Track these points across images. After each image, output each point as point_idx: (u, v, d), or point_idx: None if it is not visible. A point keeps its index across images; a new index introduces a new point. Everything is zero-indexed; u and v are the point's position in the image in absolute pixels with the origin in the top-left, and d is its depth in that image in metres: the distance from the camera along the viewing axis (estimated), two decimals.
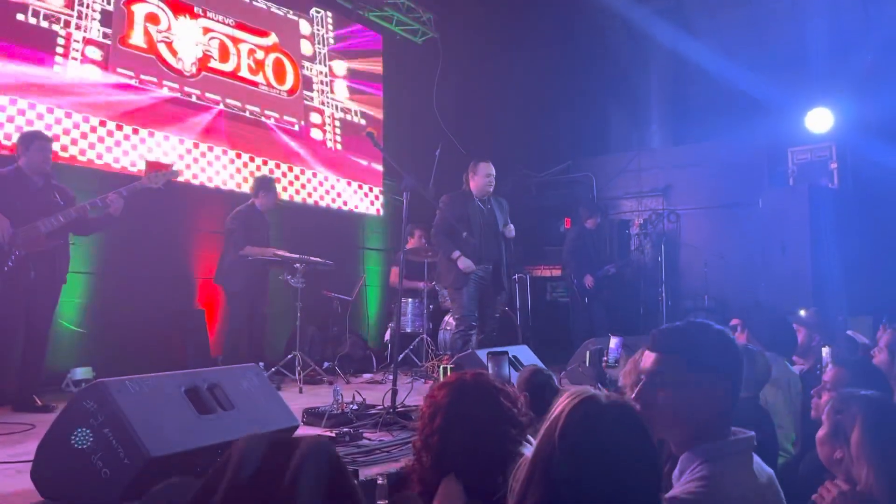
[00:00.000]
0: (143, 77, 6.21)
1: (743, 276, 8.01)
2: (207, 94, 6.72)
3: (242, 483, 0.67)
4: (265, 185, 6.07)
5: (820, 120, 7.78)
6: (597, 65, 9.78)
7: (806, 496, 2.02)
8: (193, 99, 6.59)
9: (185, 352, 5.95)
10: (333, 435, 3.50)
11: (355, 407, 4.07)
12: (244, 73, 7.12)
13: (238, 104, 6.98)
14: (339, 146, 8.08)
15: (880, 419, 1.89)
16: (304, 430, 3.61)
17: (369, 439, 3.49)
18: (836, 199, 7.50)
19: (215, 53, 6.87)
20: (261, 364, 5.02)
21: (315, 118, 7.85)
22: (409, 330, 6.94)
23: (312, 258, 5.87)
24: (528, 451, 1.68)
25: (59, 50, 5.69)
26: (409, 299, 7.03)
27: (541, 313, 8.50)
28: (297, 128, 7.60)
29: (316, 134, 7.83)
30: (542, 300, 8.74)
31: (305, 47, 7.86)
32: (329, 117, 8.02)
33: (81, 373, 5.22)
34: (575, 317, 7.96)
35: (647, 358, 1.67)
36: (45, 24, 5.61)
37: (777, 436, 3.00)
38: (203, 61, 6.73)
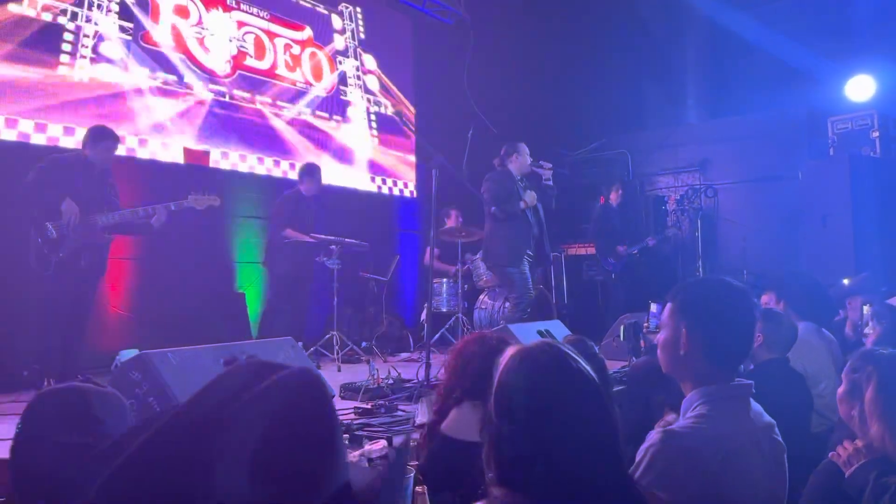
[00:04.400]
0: (168, 78, 6.10)
1: (782, 250, 7.88)
2: (242, 94, 6.75)
3: (201, 399, 0.70)
4: (309, 171, 6.22)
5: (861, 87, 7.60)
6: (631, 39, 9.66)
7: None
8: (227, 98, 6.60)
9: (227, 334, 6.12)
10: (370, 407, 3.61)
11: (391, 381, 4.17)
12: (281, 70, 7.16)
13: (270, 101, 7.04)
14: (375, 139, 8.16)
15: (893, 377, 1.90)
16: (341, 404, 3.72)
17: (404, 410, 3.59)
18: (878, 169, 7.32)
19: (251, 49, 6.88)
20: (299, 344, 5.16)
21: (351, 113, 7.92)
22: (444, 309, 7.03)
23: (347, 240, 6.00)
24: None
25: (67, 48, 5.40)
26: (444, 279, 7.12)
27: (576, 291, 8.50)
28: (334, 123, 7.69)
29: (351, 128, 7.90)
30: (577, 279, 8.73)
31: (338, 42, 7.91)
32: (364, 111, 8.08)
33: (128, 355, 5.41)
34: (608, 294, 7.95)
35: None
36: (46, 16, 5.28)
37: (812, 399, 3.00)
38: (238, 59, 6.75)
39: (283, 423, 0.68)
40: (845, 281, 5.92)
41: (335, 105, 7.75)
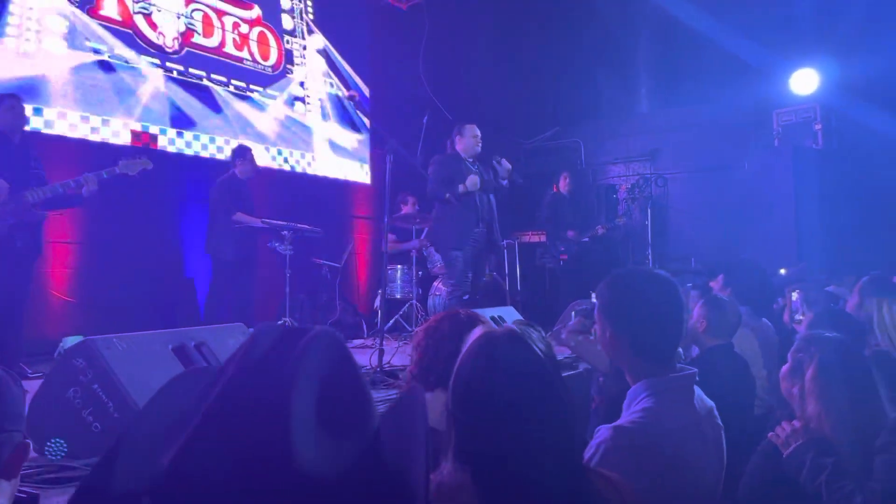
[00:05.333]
0: (117, 52, 6.00)
1: (729, 239, 8.08)
2: (191, 70, 6.64)
3: (251, 364, 0.71)
4: (241, 153, 6.11)
5: (805, 81, 7.82)
6: (585, 29, 9.72)
7: None
8: (175, 74, 6.48)
9: (176, 320, 6.01)
10: None
11: None
12: (229, 48, 7.05)
13: (223, 79, 6.93)
14: (326, 122, 8.07)
15: (835, 359, 1.97)
16: None
17: None
18: (820, 160, 7.56)
19: (199, 27, 6.76)
20: (251, 330, 5.09)
21: (298, 91, 7.82)
22: (398, 296, 7.01)
23: (300, 225, 5.93)
24: None
25: (13, 21, 5.26)
26: (399, 266, 7.10)
27: (528, 278, 8.58)
28: (282, 102, 7.58)
29: (300, 107, 7.81)
30: (529, 266, 8.81)
31: (286, 21, 7.79)
32: (314, 92, 7.98)
33: (72, 341, 5.26)
34: (559, 281, 8.05)
35: None
36: None
37: (754, 382, 3.10)
38: (187, 37, 6.62)
39: (334, 375, 0.72)
40: (782, 270, 6.12)
41: (284, 85, 7.63)
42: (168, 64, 6.45)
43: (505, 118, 9.23)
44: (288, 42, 7.75)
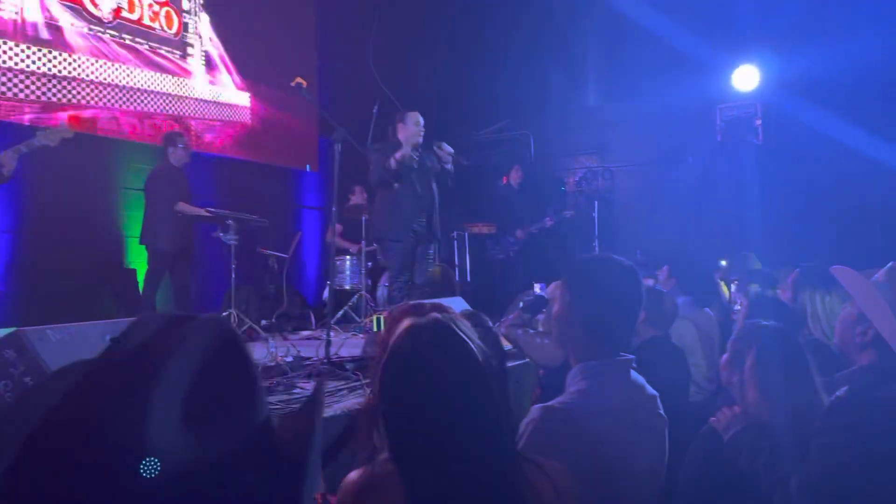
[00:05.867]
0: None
1: (674, 231, 8.25)
2: (125, 39, 6.51)
3: (115, 359, 0.66)
4: (171, 140, 5.95)
5: (746, 78, 8.01)
6: (535, 22, 9.78)
7: None
8: (113, 46, 6.36)
9: (117, 312, 5.85)
10: (268, 385, 3.52)
11: (290, 359, 4.09)
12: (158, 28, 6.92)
13: (157, 62, 6.78)
14: (268, 102, 7.93)
15: (773, 348, 2.03)
16: None
17: (302, 388, 3.53)
18: (761, 155, 7.78)
19: (125, 4, 6.64)
20: None
21: (228, 79, 7.64)
22: (347, 287, 6.95)
23: (245, 215, 5.81)
24: None
25: None
26: (348, 256, 7.04)
27: (478, 270, 8.61)
28: (224, 84, 7.42)
29: (241, 96, 7.64)
30: (479, 257, 8.84)
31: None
32: (244, 76, 7.79)
33: (3, 333, 5.07)
34: (508, 272, 8.11)
35: None
36: None
37: (691, 371, 3.17)
38: (117, 12, 6.51)
39: (210, 366, 0.66)
40: (723, 262, 6.28)
41: (221, 69, 7.46)
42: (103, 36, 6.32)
43: (455, 109, 9.21)
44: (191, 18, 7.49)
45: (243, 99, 7.71)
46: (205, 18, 7.37)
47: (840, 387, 1.98)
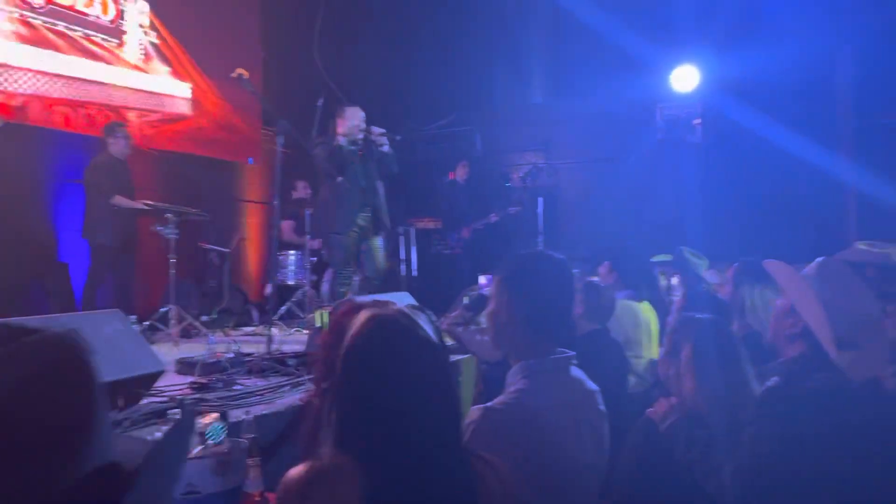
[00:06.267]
0: None
1: (616, 226, 8.39)
2: (58, 25, 6.26)
3: None
4: (112, 131, 5.80)
5: (685, 78, 8.20)
6: (481, 17, 9.81)
7: None
8: (45, 32, 6.11)
9: (48, 308, 5.64)
10: (206, 382, 3.45)
11: (230, 355, 4.01)
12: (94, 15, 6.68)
13: (88, 45, 6.55)
14: (210, 94, 7.76)
15: (708, 340, 2.08)
16: (176, 379, 3.53)
17: (243, 385, 3.47)
18: (700, 154, 7.99)
19: None
20: (132, 318, 4.84)
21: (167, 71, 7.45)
22: (291, 282, 6.86)
23: (185, 208, 5.67)
24: None
25: None
26: (292, 251, 6.94)
27: (425, 265, 8.62)
28: (163, 75, 7.22)
29: (183, 86, 7.45)
30: (426, 252, 8.85)
31: None
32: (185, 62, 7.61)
33: None
34: (454, 268, 8.13)
35: None
36: None
37: (631, 363, 3.24)
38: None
39: (31, 390, 0.59)
40: (663, 257, 6.43)
41: (160, 59, 7.26)
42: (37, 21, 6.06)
43: (402, 104, 9.18)
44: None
45: (184, 90, 7.52)
46: (144, 6, 7.16)
47: (771, 377, 2.05)
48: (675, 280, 4.15)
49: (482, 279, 4.95)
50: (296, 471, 1.23)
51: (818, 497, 1.80)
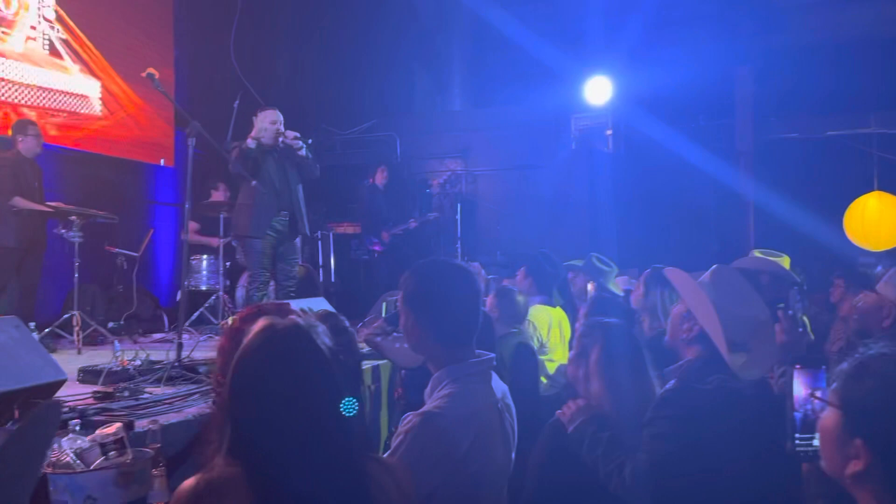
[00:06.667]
0: None
1: (533, 233, 8.57)
2: None
3: None
4: (21, 128, 5.53)
5: (598, 90, 8.47)
6: (403, 24, 9.85)
7: None
8: None
9: None
10: (111, 391, 3.32)
11: (138, 363, 3.87)
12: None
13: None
14: (120, 93, 7.48)
15: (615, 343, 2.17)
16: (79, 389, 3.39)
17: (150, 393, 3.36)
18: (612, 163, 8.28)
19: None
20: (31, 325, 4.61)
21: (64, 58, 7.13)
22: (204, 287, 6.68)
23: (91, 210, 5.45)
24: None
25: None
26: (205, 256, 6.76)
27: (343, 270, 8.57)
28: (70, 72, 6.92)
29: (92, 84, 7.16)
30: (344, 257, 8.80)
31: None
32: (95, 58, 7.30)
33: None
34: (372, 273, 8.13)
35: None
36: None
37: (545, 366, 3.33)
38: None
39: None
40: (575, 261, 6.63)
41: (67, 55, 6.95)
42: None
43: (321, 107, 9.11)
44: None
45: (92, 89, 7.21)
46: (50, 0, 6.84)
47: (670, 380, 2.15)
48: (590, 286, 4.28)
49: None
50: (188, 482, 1.22)
51: (713, 493, 1.90)
